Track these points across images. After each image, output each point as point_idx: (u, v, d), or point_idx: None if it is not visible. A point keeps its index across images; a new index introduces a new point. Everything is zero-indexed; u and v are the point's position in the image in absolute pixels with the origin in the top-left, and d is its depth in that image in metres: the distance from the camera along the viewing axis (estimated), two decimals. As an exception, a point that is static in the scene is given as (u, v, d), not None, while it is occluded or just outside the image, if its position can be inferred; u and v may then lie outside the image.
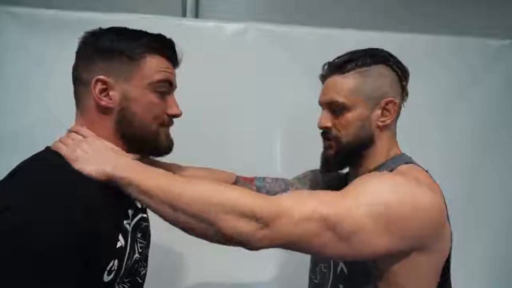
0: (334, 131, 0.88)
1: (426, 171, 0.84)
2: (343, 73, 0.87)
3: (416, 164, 0.86)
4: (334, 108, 0.88)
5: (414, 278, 0.77)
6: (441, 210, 0.76)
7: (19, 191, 0.64)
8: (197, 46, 1.53)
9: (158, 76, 0.79)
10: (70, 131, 0.78)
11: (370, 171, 0.86)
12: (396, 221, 0.70)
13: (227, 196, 0.68)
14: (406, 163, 0.84)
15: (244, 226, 0.66)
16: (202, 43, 1.57)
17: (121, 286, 0.77)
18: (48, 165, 0.70)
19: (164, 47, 0.81)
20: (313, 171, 1.08)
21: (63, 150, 0.72)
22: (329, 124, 0.89)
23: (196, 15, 1.86)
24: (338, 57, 0.89)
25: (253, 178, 1.08)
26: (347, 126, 0.86)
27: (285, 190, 1.04)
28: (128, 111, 0.77)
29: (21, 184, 0.66)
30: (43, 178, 0.67)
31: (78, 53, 0.80)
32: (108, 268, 0.69)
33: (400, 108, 0.90)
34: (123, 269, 0.75)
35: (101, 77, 0.76)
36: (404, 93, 0.90)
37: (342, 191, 0.74)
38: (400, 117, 0.93)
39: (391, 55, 0.89)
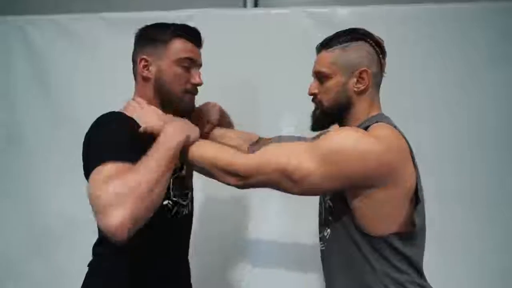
0: (319, 96, 1.07)
1: (394, 126, 0.99)
2: (328, 48, 1.04)
3: (385, 121, 1.00)
4: (319, 77, 1.06)
5: (377, 208, 0.93)
6: (383, 157, 0.90)
7: (98, 121, 1.01)
8: (252, 31, 1.75)
9: (181, 55, 1.07)
10: (132, 99, 1.12)
11: None
12: (341, 166, 0.90)
13: (221, 158, 0.98)
14: (377, 121, 0.99)
15: (231, 180, 0.98)
16: (255, 29, 1.75)
17: (173, 192, 1.09)
18: (115, 113, 1.05)
19: (186, 33, 1.08)
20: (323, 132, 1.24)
21: (127, 111, 1.06)
22: (316, 91, 1.07)
23: (256, 4, 1.99)
24: (327, 37, 1.07)
25: (272, 138, 1.30)
26: (328, 91, 1.04)
27: None
28: (161, 80, 1.07)
29: (100, 118, 1.02)
30: (112, 117, 1.03)
31: (134, 43, 1.12)
32: None
33: (377, 76, 1.05)
34: (173, 177, 1.07)
35: (144, 56, 1.08)
36: (381, 64, 1.05)
37: (309, 142, 0.98)
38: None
39: (369, 33, 1.04)
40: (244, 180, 0.96)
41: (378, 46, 1.04)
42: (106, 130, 0.98)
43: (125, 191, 0.83)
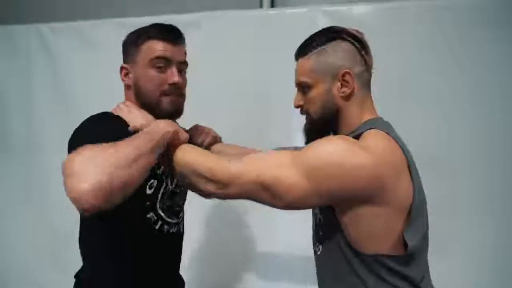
0: (305, 108, 0.99)
1: (388, 132, 0.89)
2: (304, 56, 0.96)
3: (379, 127, 0.91)
4: (302, 87, 0.98)
5: (366, 226, 0.85)
6: (373, 172, 0.81)
7: (86, 120, 1.00)
8: (266, 32, 1.73)
9: (152, 55, 1.02)
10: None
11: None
12: (323, 181, 0.82)
13: (202, 164, 0.91)
14: (370, 128, 0.90)
15: (210, 187, 0.90)
16: (270, 29, 1.73)
17: (161, 204, 1.06)
18: (102, 112, 1.05)
19: (158, 33, 1.03)
20: None
21: (115, 111, 1.06)
22: (301, 103, 0.99)
23: (272, 5, 1.97)
24: (302, 43, 0.99)
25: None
26: (313, 102, 0.96)
27: None
28: (137, 85, 1.05)
29: (89, 118, 1.01)
30: (98, 115, 1.03)
31: None
32: (149, 184, 1.00)
33: (363, 75, 0.95)
34: (162, 190, 1.05)
35: (124, 65, 1.07)
36: (365, 60, 0.95)
37: (294, 151, 0.89)
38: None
39: (345, 30, 0.95)
40: (224, 188, 0.88)
41: (357, 42, 0.94)
42: (90, 125, 0.97)
43: (99, 158, 0.75)
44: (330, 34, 0.95)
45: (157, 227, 1.06)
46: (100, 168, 0.74)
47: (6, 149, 2.02)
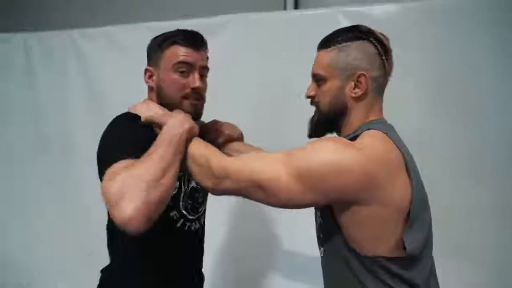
0: (316, 100, 0.99)
1: (385, 133, 0.89)
2: (327, 48, 0.96)
3: (376, 127, 0.91)
4: (317, 79, 0.98)
5: (362, 227, 0.85)
6: (363, 169, 0.81)
7: (108, 127, 1.05)
8: (292, 33, 1.75)
9: (175, 60, 1.07)
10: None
11: (345, 137, 0.95)
12: (316, 180, 0.83)
13: (201, 155, 0.96)
14: (368, 129, 0.91)
15: (207, 181, 0.95)
16: (295, 31, 1.75)
17: (184, 203, 1.12)
18: (123, 115, 1.09)
19: (182, 38, 1.07)
20: None
21: (132, 109, 1.10)
22: (313, 93, 1.00)
23: (296, 6, 2.00)
24: (327, 35, 0.98)
25: None
26: (324, 95, 0.97)
27: None
28: (160, 87, 1.10)
29: (111, 123, 1.06)
30: (119, 119, 1.07)
31: None
32: None
33: (378, 80, 0.94)
34: (183, 189, 1.11)
35: (148, 67, 1.12)
36: (385, 66, 0.94)
37: (288, 152, 0.90)
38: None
39: (371, 31, 0.94)
40: (216, 184, 0.92)
41: (381, 45, 0.93)
42: (112, 133, 1.02)
43: (131, 183, 0.83)
44: (356, 33, 0.94)
45: (178, 225, 1.11)
46: (135, 193, 0.83)
47: (44, 147, 2.12)
